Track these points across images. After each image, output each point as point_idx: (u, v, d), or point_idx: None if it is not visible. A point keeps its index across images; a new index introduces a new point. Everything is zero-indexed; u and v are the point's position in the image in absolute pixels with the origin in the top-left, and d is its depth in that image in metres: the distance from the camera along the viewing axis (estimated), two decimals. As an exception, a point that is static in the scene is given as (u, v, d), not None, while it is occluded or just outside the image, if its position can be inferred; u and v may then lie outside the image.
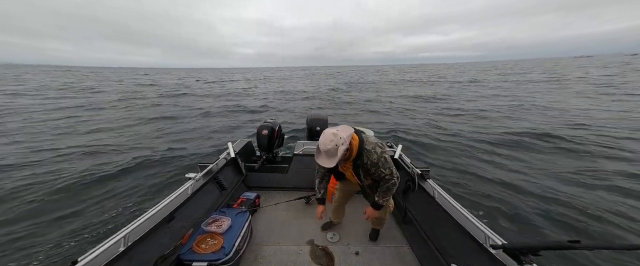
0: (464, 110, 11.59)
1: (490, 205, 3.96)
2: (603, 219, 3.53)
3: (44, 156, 6.16)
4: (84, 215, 3.87)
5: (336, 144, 1.44)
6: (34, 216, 3.80)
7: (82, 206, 4.07)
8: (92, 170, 5.27)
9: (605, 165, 5.16)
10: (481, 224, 1.69)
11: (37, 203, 4.11)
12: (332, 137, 1.45)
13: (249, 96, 20.01)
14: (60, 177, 4.93)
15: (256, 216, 2.79)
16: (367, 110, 12.73)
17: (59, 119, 10.66)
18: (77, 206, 4.06)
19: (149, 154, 6.29)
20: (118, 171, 5.27)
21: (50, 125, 9.62)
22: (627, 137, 6.75)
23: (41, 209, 3.98)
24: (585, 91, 16.34)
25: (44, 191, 4.45)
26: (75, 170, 5.28)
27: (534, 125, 8.34)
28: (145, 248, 1.66)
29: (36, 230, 3.52)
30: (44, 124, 9.72)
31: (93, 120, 10.58)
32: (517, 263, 1.32)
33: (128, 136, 8.27)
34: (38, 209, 3.97)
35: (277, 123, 3.73)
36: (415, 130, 8.48)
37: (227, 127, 9.83)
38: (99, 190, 4.59)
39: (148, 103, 15.75)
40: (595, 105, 11.51)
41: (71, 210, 3.98)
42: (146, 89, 25.15)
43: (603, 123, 8.25)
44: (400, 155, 3.02)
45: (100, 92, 21.49)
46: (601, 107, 10.91)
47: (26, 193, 4.37)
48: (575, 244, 1.08)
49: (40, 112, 12.04)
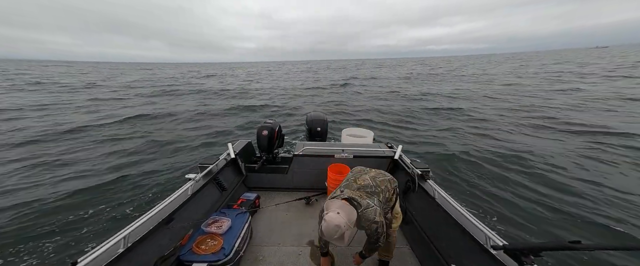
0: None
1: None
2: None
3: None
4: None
5: (342, 233, 1.41)
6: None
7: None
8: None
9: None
10: (482, 225, 1.69)
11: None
12: (337, 229, 1.40)
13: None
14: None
15: (256, 217, 2.79)
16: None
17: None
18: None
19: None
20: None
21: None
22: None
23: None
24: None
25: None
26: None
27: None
28: (145, 249, 1.65)
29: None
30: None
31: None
32: (518, 263, 1.32)
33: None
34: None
35: (277, 124, 3.73)
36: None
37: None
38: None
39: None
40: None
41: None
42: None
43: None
44: (401, 155, 3.02)
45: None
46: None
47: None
48: (576, 245, 1.08)
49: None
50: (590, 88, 14.91)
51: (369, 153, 3.17)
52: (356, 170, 1.91)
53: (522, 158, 5.66)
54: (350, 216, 1.47)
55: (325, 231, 1.42)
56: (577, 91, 14.40)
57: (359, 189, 1.64)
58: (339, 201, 1.52)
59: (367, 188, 1.65)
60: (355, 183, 1.71)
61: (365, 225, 1.55)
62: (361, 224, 1.55)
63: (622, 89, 13.94)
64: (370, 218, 1.53)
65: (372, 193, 1.62)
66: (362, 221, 1.54)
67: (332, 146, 3.41)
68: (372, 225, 1.54)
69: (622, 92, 13.00)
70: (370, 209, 1.55)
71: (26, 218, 3.83)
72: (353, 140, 4.12)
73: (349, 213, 1.47)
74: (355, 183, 1.70)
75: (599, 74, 22.08)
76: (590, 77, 20.54)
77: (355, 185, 1.68)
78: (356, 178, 1.76)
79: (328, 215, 1.44)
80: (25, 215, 3.92)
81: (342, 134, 4.36)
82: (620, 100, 11.36)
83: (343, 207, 1.49)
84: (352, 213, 1.48)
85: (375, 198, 1.60)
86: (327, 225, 1.41)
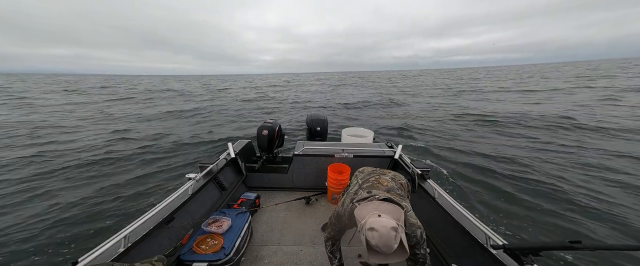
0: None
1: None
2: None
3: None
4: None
5: (400, 238, 1.08)
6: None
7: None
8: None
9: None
10: (482, 224, 1.69)
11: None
12: (394, 233, 1.06)
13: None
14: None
15: (256, 217, 2.79)
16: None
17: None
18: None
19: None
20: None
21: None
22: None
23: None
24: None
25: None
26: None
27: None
28: (145, 248, 1.65)
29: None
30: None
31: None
32: (518, 263, 1.32)
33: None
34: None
35: (278, 124, 3.74)
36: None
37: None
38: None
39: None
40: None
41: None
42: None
43: None
44: (400, 155, 3.02)
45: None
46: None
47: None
48: (576, 244, 1.08)
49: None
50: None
51: (369, 153, 3.17)
52: (368, 171, 1.71)
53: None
54: (397, 214, 1.17)
55: (381, 242, 1.04)
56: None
57: (389, 191, 1.40)
58: (375, 203, 1.25)
59: (396, 190, 1.44)
60: (381, 184, 1.47)
61: (409, 230, 1.30)
62: (405, 230, 1.24)
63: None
64: (414, 221, 1.32)
65: (402, 195, 1.42)
66: (406, 226, 1.27)
67: (332, 146, 3.41)
68: (416, 229, 1.32)
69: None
70: (411, 212, 1.34)
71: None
72: (353, 140, 4.12)
73: (393, 212, 1.18)
74: (381, 185, 1.47)
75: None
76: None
77: (382, 186, 1.45)
78: (377, 178, 1.54)
79: (373, 221, 1.09)
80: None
81: (342, 134, 4.36)
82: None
83: (381, 207, 1.19)
84: (397, 211, 1.20)
85: (407, 201, 1.40)
86: (381, 232, 1.05)
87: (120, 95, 24.37)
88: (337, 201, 3.01)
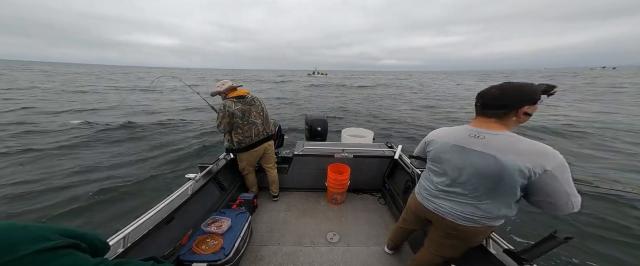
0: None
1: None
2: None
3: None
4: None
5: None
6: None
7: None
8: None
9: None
10: None
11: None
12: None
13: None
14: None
15: (256, 217, 2.79)
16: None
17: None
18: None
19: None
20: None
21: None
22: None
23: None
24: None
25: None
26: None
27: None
28: (144, 249, 1.65)
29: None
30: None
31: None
32: (518, 263, 1.32)
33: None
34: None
35: (277, 124, 3.73)
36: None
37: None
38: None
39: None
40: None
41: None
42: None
43: None
44: (400, 155, 3.02)
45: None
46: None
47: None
48: (571, 239, 1.12)
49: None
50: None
51: (369, 153, 3.16)
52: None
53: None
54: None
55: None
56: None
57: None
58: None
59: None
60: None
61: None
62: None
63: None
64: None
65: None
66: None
67: (332, 146, 3.40)
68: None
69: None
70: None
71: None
72: (353, 140, 4.12)
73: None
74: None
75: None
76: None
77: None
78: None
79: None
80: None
81: (342, 134, 4.36)
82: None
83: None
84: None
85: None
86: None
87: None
88: (337, 202, 3.02)
